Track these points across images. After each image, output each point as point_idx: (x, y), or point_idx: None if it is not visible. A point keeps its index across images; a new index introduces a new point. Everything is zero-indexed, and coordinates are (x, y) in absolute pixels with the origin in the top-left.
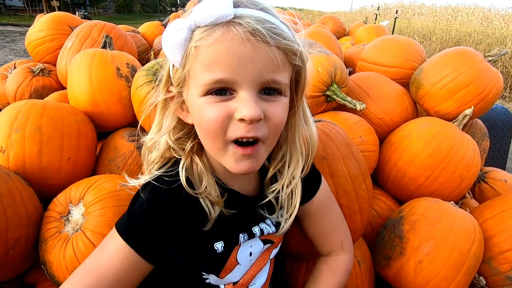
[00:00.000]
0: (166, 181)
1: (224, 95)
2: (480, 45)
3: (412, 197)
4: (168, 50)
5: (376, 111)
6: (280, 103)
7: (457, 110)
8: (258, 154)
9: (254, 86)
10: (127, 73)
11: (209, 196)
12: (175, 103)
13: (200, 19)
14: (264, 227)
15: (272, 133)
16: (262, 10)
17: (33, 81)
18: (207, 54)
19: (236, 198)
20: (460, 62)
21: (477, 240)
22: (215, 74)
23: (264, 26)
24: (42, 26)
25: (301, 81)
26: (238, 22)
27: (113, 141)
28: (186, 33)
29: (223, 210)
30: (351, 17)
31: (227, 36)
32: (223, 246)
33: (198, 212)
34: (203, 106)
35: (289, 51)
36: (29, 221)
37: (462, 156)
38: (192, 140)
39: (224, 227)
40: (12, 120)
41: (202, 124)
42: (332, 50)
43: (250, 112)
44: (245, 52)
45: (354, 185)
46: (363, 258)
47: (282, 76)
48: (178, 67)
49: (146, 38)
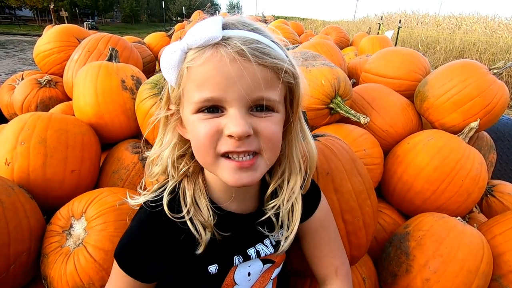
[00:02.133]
0: (155, 206)
1: (215, 112)
2: (485, 54)
3: (418, 211)
4: (165, 71)
5: (380, 123)
6: (272, 119)
7: (463, 122)
8: (258, 167)
9: (242, 103)
10: (132, 86)
11: (199, 218)
12: (175, 120)
13: (192, 42)
14: (260, 249)
15: (268, 147)
16: (252, 30)
17: (39, 92)
18: (198, 74)
19: (231, 219)
20: (466, 74)
21: (486, 257)
22: (205, 93)
23: (251, 46)
24: (50, 38)
25: (295, 98)
26: (226, 43)
27: (116, 153)
28: (180, 55)
29: (215, 233)
30: (354, 26)
31: (216, 57)
32: (217, 268)
33: (189, 235)
34: (195, 123)
35: (278, 69)
36: (31, 235)
37: (469, 169)
38: (190, 161)
39: (218, 250)
40: (18, 132)
41: (194, 139)
42: (336, 61)
43: (237, 128)
44: (233, 72)
45: (359, 201)
46: (368, 275)
47: (271, 93)
48: (174, 87)
49: (151, 48)
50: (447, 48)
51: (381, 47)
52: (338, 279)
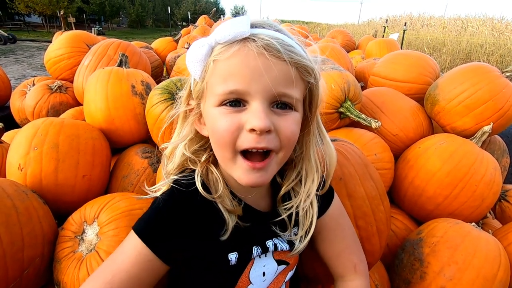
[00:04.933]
0: (184, 184)
1: (237, 106)
2: (492, 56)
3: (431, 216)
4: (190, 65)
5: (391, 127)
6: (291, 117)
7: (475, 126)
8: (269, 167)
9: (265, 98)
10: (141, 91)
11: (224, 204)
12: (194, 115)
13: (220, 37)
14: (278, 242)
15: (284, 146)
16: (277, 31)
17: (50, 97)
18: (224, 67)
19: (250, 212)
20: (477, 77)
21: (503, 264)
22: (229, 85)
23: (278, 42)
24: (60, 44)
25: (314, 99)
26: (253, 38)
27: (126, 158)
28: (207, 49)
29: (238, 221)
30: (359, 29)
31: (243, 51)
32: (236, 257)
33: (215, 219)
34: (216, 116)
35: (301, 68)
36: (44, 240)
37: (482, 174)
38: (208, 152)
39: (239, 238)
40: (31, 138)
41: (215, 133)
42: (344, 65)
43: (260, 122)
44: (258, 65)
45: (372, 206)
46: (381, 282)
47: (293, 91)
48: (198, 80)
49: (158, 53)
50: (453, 51)
51: (389, 50)
52: (357, 274)
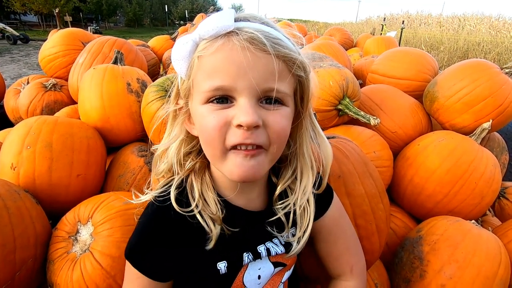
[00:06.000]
0: (160, 201)
1: (224, 103)
2: (490, 54)
3: (430, 214)
4: (176, 63)
5: (389, 125)
6: (281, 112)
7: (474, 123)
8: (261, 160)
9: (252, 93)
10: (137, 89)
11: (208, 212)
12: (183, 114)
13: (204, 32)
14: (271, 247)
15: (274, 142)
16: (263, 24)
17: (45, 96)
18: (209, 63)
19: (240, 215)
20: (477, 74)
21: (503, 262)
22: (215, 81)
23: (262, 35)
24: (55, 42)
25: (305, 93)
26: (237, 32)
27: (122, 157)
28: (191, 46)
29: (224, 228)
30: (357, 28)
31: (227, 46)
32: (226, 266)
33: (198, 230)
34: (204, 114)
35: (289, 61)
36: (37, 241)
37: (482, 171)
38: (196, 158)
39: (227, 246)
40: (24, 137)
41: (203, 131)
42: (342, 62)
43: (247, 118)
44: (244, 60)
45: (371, 205)
46: (381, 281)
47: (282, 85)
48: (184, 78)
49: (155, 51)
50: (451, 49)
51: (387, 47)
52: (353, 276)
